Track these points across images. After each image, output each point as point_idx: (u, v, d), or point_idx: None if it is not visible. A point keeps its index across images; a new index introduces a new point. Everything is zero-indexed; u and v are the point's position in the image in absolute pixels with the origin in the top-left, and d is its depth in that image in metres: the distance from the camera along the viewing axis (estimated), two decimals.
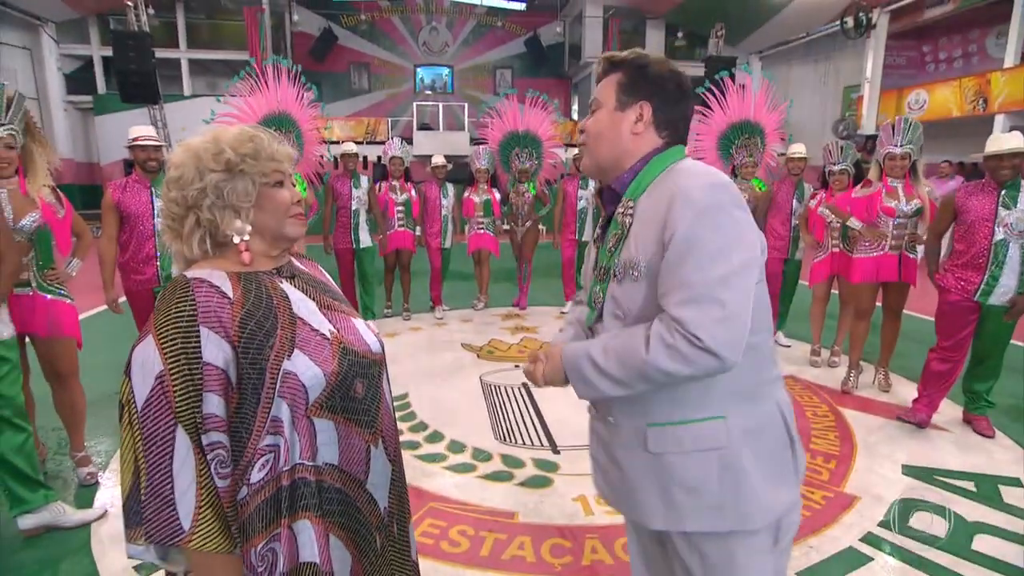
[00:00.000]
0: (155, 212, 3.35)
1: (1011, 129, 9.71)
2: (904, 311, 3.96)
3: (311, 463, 1.04)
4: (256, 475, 0.98)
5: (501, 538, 2.43)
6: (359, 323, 1.21)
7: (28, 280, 2.66)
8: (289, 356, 1.02)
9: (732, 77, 5.19)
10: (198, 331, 0.96)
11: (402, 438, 3.30)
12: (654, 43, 19.39)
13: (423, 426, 3.49)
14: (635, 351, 1.04)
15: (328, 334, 1.10)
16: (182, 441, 0.95)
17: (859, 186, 3.95)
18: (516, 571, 2.23)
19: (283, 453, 1.01)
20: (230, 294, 1.02)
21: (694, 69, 16.32)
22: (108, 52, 14.62)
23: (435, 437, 3.35)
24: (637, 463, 1.18)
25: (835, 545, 2.38)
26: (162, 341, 0.95)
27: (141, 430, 0.95)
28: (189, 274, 1.03)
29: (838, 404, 3.83)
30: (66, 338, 2.79)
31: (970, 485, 2.84)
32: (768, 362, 1.19)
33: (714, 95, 5.12)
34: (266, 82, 4.88)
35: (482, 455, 3.15)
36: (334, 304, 1.19)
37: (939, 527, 2.49)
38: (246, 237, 1.08)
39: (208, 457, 0.97)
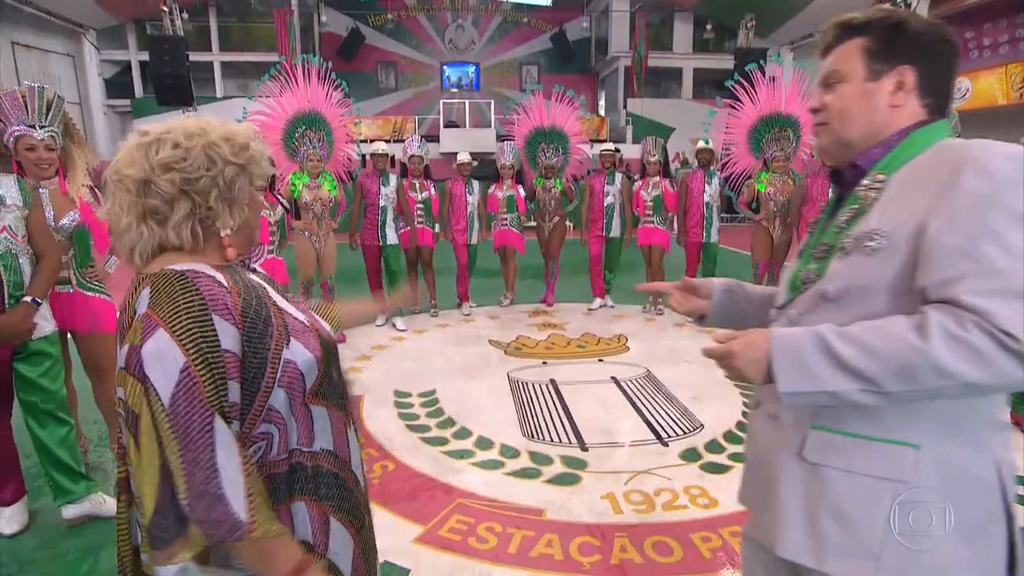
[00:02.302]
0: None
1: None
2: None
3: (308, 449, 1.04)
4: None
5: (529, 535, 2.42)
6: (312, 311, 1.22)
7: (68, 278, 2.74)
8: (288, 344, 1.01)
9: (762, 70, 5.09)
10: (211, 320, 0.92)
11: (430, 434, 3.34)
12: (682, 36, 19.18)
13: (451, 422, 3.50)
14: (901, 339, 0.82)
15: (306, 321, 1.09)
16: (222, 431, 0.90)
17: None
18: (544, 569, 2.22)
19: (276, 441, 1.00)
20: (226, 283, 0.98)
21: (724, 62, 16.09)
22: (145, 57, 15.02)
23: (463, 433, 3.36)
24: (787, 471, 1.00)
25: None
26: (178, 333, 0.89)
27: (173, 427, 0.88)
28: (178, 267, 0.96)
29: None
30: (105, 334, 2.86)
31: None
32: (997, 400, 0.94)
33: (744, 88, 5.03)
34: (296, 81, 4.96)
35: (510, 452, 3.14)
36: (290, 296, 1.17)
37: None
38: (230, 232, 1.05)
39: None
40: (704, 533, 2.43)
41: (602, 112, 20.14)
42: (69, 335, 2.82)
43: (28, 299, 2.35)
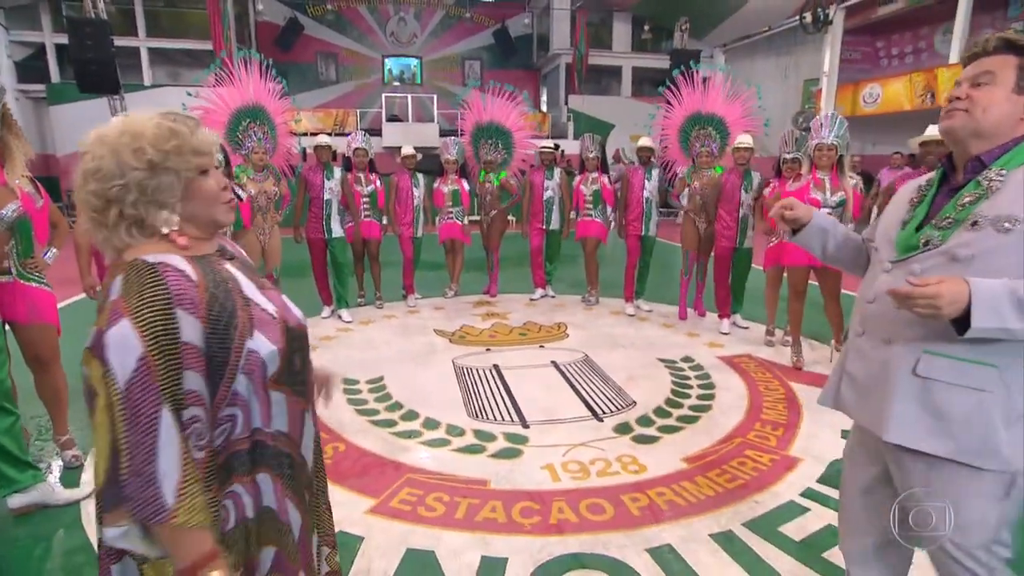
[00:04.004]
0: None
1: None
2: (853, 293, 4.27)
3: (268, 430, 1.15)
4: (215, 442, 1.08)
5: (475, 503, 2.62)
6: (286, 298, 1.29)
7: (8, 268, 2.73)
8: (251, 335, 1.10)
9: (692, 71, 5.43)
10: (175, 313, 0.99)
11: (378, 417, 3.49)
12: (621, 35, 19.69)
13: (398, 406, 3.65)
14: None
15: (274, 313, 1.17)
16: (167, 420, 0.97)
17: (791, 180, 4.26)
18: (489, 531, 2.42)
19: (240, 421, 1.11)
20: (194, 277, 1.05)
21: (661, 61, 16.66)
22: (62, 39, 14.23)
23: (410, 416, 3.52)
24: (901, 380, 1.33)
25: (777, 500, 2.64)
26: (140, 324, 0.96)
27: (124, 411, 0.95)
28: (150, 258, 1.03)
29: (790, 379, 4.12)
30: (46, 324, 2.87)
31: None
32: None
33: (672, 90, 5.36)
34: (235, 75, 4.95)
35: (456, 431, 3.33)
36: (263, 283, 1.25)
37: None
38: (174, 228, 1.09)
39: (187, 432, 1.02)
40: (633, 494, 2.69)
41: (544, 108, 20.44)
42: (7, 326, 2.81)
43: None
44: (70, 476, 2.88)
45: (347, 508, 2.56)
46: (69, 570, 2.20)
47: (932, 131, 3.39)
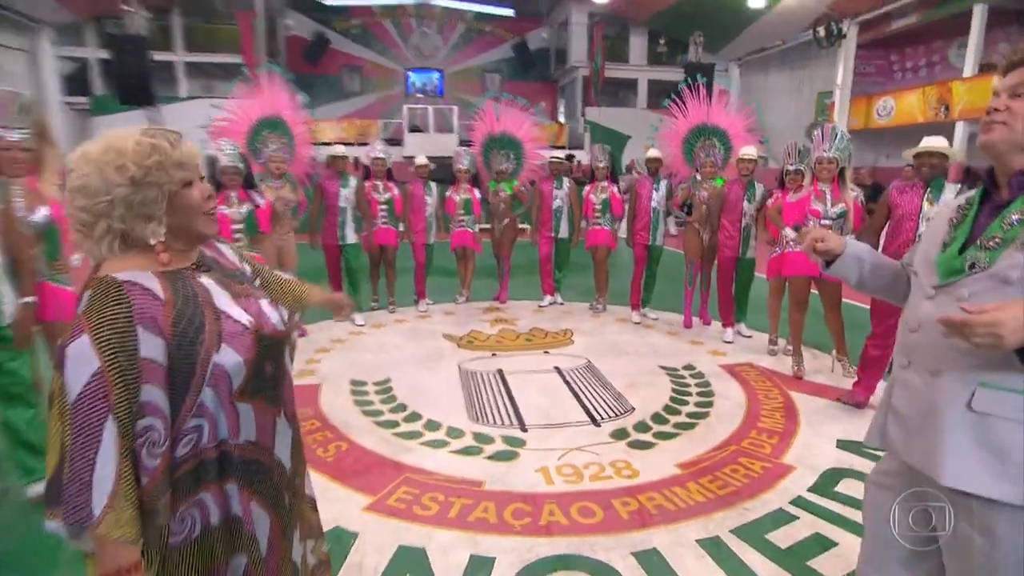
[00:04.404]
0: None
1: (970, 135, 10.08)
2: (854, 302, 4.21)
3: (235, 441, 1.17)
4: (180, 451, 1.10)
5: (468, 503, 2.63)
6: (264, 303, 1.28)
7: (42, 271, 2.83)
8: (218, 349, 1.11)
9: (697, 84, 5.41)
10: (135, 331, 1.02)
11: (382, 418, 3.51)
12: (637, 49, 19.68)
13: (402, 407, 3.67)
14: None
15: (247, 324, 1.18)
16: (109, 433, 0.99)
17: (793, 191, 4.23)
18: (480, 531, 2.43)
19: (206, 431, 1.13)
20: (161, 295, 1.07)
21: (676, 74, 16.59)
22: (105, 55, 14.67)
23: (413, 417, 3.54)
24: (955, 418, 1.17)
25: (767, 507, 2.61)
26: (98, 341, 0.99)
27: (72, 421, 0.98)
28: (119, 276, 1.05)
29: (789, 388, 4.06)
30: (68, 323, 2.96)
31: None
32: None
33: (677, 103, 5.36)
34: (260, 87, 5.06)
35: (455, 432, 3.34)
36: (243, 290, 1.26)
37: (861, 491, 2.71)
38: (161, 239, 1.11)
39: (141, 441, 1.03)
40: (624, 499, 2.67)
41: (561, 119, 20.48)
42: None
43: (30, 300, 2.55)
44: None
45: (345, 505, 2.59)
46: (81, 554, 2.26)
47: (927, 142, 3.34)
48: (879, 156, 13.50)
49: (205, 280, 1.19)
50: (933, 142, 3.31)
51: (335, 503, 2.59)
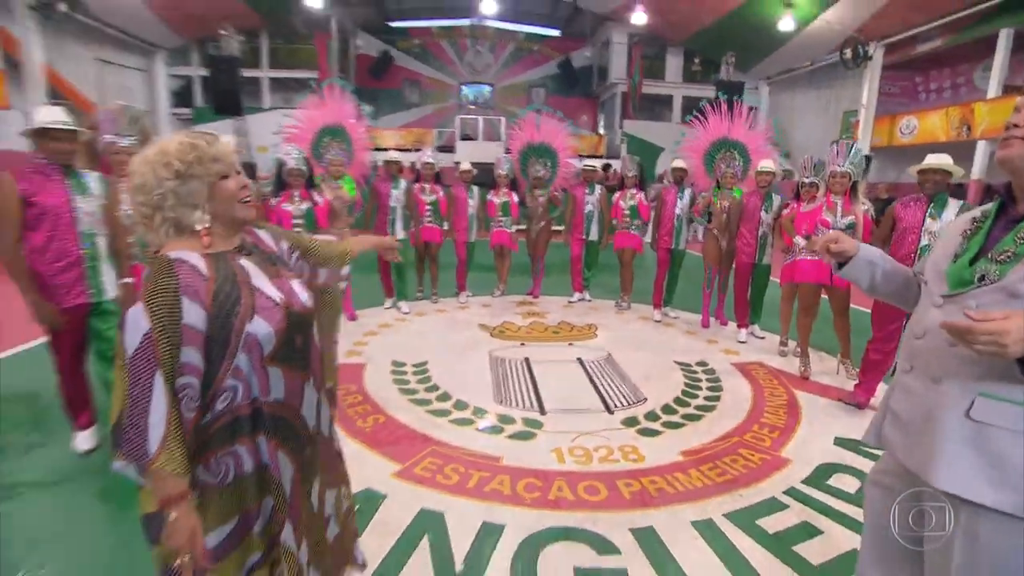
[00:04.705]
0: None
1: (991, 154, 9.45)
2: (858, 307, 4.04)
3: (265, 399, 1.23)
4: (218, 407, 1.17)
5: (485, 476, 2.65)
6: (295, 283, 1.34)
7: (137, 255, 3.01)
8: (250, 320, 1.18)
9: (719, 101, 5.28)
10: (180, 300, 1.10)
11: (417, 396, 3.57)
12: (673, 67, 19.23)
13: (435, 388, 3.72)
14: None
15: (278, 300, 1.24)
16: (159, 385, 1.07)
17: (807, 202, 4.07)
18: (493, 501, 2.45)
19: (241, 392, 1.19)
20: (204, 272, 1.15)
21: (709, 91, 16.17)
22: (205, 72, 15.37)
23: (444, 397, 3.57)
24: (953, 425, 1.11)
25: (761, 495, 2.53)
26: (149, 307, 1.08)
27: (129, 374, 1.07)
28: (172, 255, 1.14)
29: (795, 387, 3.91)
30: None
31: None
32: None
33: (699, 119, 5.24)
34: (325, 98, 5.19)
35: (481, 412, 3.36)
36: (279, 271, 1.32)
37: (852, 485, 2.61)
38: (206, 224, 1.20)
39: (180, 395, 1.11)
40: (628, 480, 2.64)
41: (601, 131, 20.23)
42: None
43: (128, 280, 2.75)
44: None
45: (377, 470, 2.65)
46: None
47: (931, 160, 3.16)
48: (900, 173, 12.83)
49: (244, 262, 1.25)
50: (936, 159, 3.13)
51: (369, 468, 2.66)
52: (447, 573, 1.98)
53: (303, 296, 1.33)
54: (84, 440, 2.77)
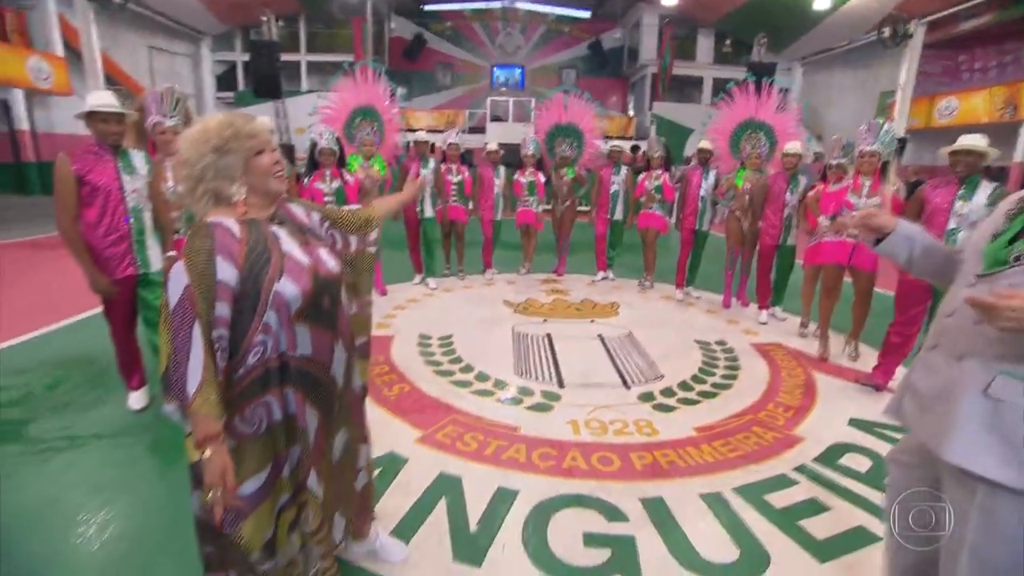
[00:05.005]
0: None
1: None
2: (880, 290, 3.90)
3: (293, 354, 1.30)
4: (250, 360, 1.25)
5: (503, 444, 2.69)
6: (323, 251, 1.41)
7: (179, 228, 3.11)
8: (279, 280, 1.25)
9: (747, 82, 5.09)
10: (215, 259, 1.18)
11: (441, 368, 3.62)
12: (704, 49, 18.61)
13: (459, 360, 3.77)
14: None
15: (305, 263, 1.32)
16: (197, 335, 1.16)
17: (833, 183, 3.93)
18: (509, 468, 2.48)
19: (271, 347, 1.27)
20: (238, 235, 1.24)
21: (740, 73, 15.59)
22: (247, 58, 15.60)
23: (467, 369, 3.62)
24: (970, 401, 1.11)
25: (771, 471, 2.50)
26: (188, 264, 1.17)
27: (171, 325, 1.16)
28: (210, 219, 1.24)
29: (813, 369, 3.83)
30: None
31: (901, 437, 2.85)
32: None
33: (730, 97, 5.06)
34: (357, 81, 5.21)
35: (501, 384, 3.40)
36: (309, 240, 1.39)
37: (863, 465, 2.56)
38: (243, 196, 1.28)
39: (215, 347, 1.19)
40: (641, 452, 2.65)
41: (630, 112, 19.79)
42: None
43: (172, 254, 2.82)
44: None
45: (401, 435, 2.72)
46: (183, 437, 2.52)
47: (964, 140, 2.98)
48: (937, 156, 12.17)
49: (276, 229, 1.33)
50: (969, 140, 2.95)
51: (393, 433, 2.73)
52: (462, 532, 2.04)
53: (330, 263, 1.40)
54: (136, 399, 2.92)
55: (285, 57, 14.16)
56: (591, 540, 2.02)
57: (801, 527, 2.11)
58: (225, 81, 18.16)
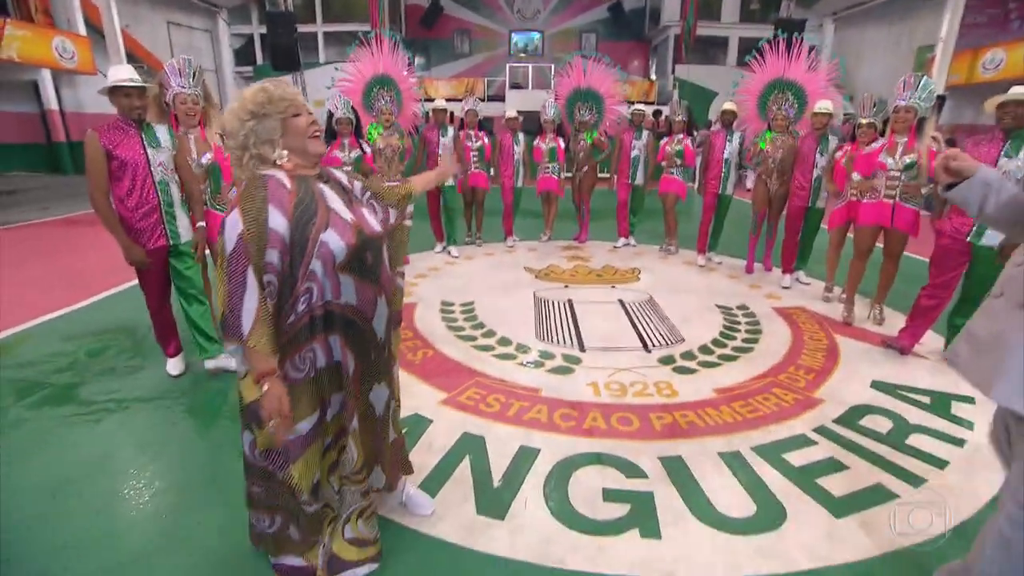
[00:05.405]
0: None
1: None
2: (909, 254, 3.79)
3: (337, 301, 1.39)
4: (300, 307, 1.35)
5: (525, 405, 2.75)
6: (366, 211, 1.49)
7: (205, 201, 3.19)
8: (324, 231, 1.33)
9: (778, 39, 4.89)
10: (267, 208, 1.28)
11: (463, 333, 3.68)
12: (730, 7, 17.82)
13: (481, 325, 3.83)
14: None
15: (349, 220, 1.40)
16: (251, 278, 1.26)
17: (865, 143, 3.78)
18: (531, 427, 2.55)
19: (316, 294, 1.35)
20: (288, 187, 1.33)
21: (765, 31, 14.93)
22: (263, 30, 15.51)
23: (489, 334, 3.68)
24: (1021, 346, 1.13)
25: (790, 431, 2.52)
26: (243, 212, 1.27)
27: (228, 269, 1.25)
28: (263, 172, 1.35)
29: (836, 332, 3.78)
30: None
31: (926, 399, 2.83)
32: None
33: (761, 57, 4.88)
34: (373, 50, 5.17)
35: (523, 348, 3.45)
36: (349, 198, 1.48)
37: (884, 426, 2.55)
38: (284, 158, 1.37)
39: (265, 291, 1.29)
40: (660, 413, 2.68)
41: (652, 76, 19.18)
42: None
43: (201, 224, 2.96)
44: None
45: (425, 398, 2.80)
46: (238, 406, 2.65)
47: (1015, 91, 2.81)
48: (979, 114, 11.53)
49: (322, 186, 1.42)
50: (1021, 90, 2.79)
51: (418, 396, 2.81)
52: (486, 487, 2.11)
53: (373, 222, 1.48)
54: (173, 366, 3.06)
55: (302, 28, 14.04)
56: (610, 495, 2.07)
57: (818, 484, 2.13)
58: (243, 55, 18.14)
